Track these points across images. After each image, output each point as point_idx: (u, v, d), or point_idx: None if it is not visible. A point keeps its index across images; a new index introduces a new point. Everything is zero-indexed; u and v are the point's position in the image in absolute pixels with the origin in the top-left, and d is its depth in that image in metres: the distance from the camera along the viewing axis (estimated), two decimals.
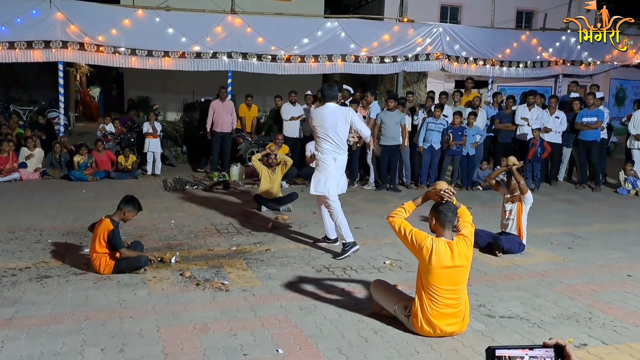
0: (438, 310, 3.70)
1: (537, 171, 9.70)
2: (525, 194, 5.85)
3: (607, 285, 4.98)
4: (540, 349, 1.36)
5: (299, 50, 11.33)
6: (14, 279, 4.73)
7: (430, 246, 3.69)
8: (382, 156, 9.37)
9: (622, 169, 10.10)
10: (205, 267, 5.17)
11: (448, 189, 3.92)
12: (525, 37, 13.25)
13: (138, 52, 10.58)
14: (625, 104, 16.78)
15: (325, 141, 5.58)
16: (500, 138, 10.34)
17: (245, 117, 11.36)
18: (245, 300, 4.40)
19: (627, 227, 7.31)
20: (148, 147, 10.43)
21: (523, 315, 4.23)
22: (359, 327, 3.93)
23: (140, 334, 3.74)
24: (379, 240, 6.26)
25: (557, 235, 6.71)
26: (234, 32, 11.02)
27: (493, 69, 12.83)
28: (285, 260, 5.47)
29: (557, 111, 10.04)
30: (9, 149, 9.58)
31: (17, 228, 6.38)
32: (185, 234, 6.36)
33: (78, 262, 5.19)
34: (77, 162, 9.74)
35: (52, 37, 10.16)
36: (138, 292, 4.51)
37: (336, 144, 5.58)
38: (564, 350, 1.35)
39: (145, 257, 4.98)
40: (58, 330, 3.76)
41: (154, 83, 15.15)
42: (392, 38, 11.91)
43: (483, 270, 5.31)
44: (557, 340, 1.36)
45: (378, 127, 9.37)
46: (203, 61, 10.90)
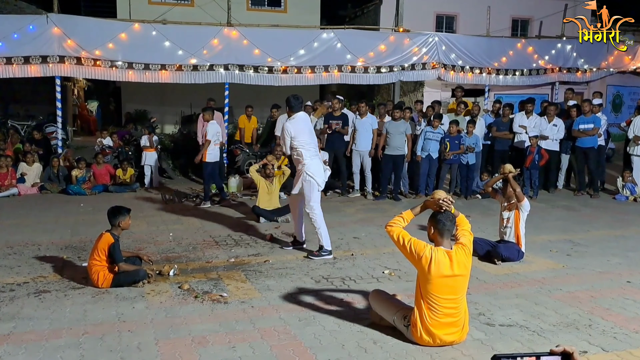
0: (437, 320, 3.69)
1: (535, 179, 9.71)
2: (522, 202, 5.86)
3: (607, 292, 4.97)
4: (548, 356, 1.34)
5: (296, 62, 11.39)
6: (12, 294, 4.71)
7: (429, 255, 3.68)
8: (386, 166, 9.40)
9: (620, 175, 10.12)
10: (203, 280, 5.15)
11: (446, 197, 3.92)
12: (521, 45, 13.33)
13: (135, 66, 10.62)
14: (622, 110, 16.85)
15: (306, 149, 5.88)
16: (498, 146, 10.37)
17: (245, 128, 11.38)
18: (244, 312, 4.38)
19: (625, 234, 7.31)
20: (145, 160, 10.44)
21: (523, 323, 4.22)
22: (358, 338, 3.91)
23: (139, 347, 3.72)
24: (377, 250, 6.25)
25: (556, 243, 6.71)
26: (230, 44, 11.08)
27: (489, 77, 12.89)
28: (284, 271, 5.45)
29: (555, 119, 10.07)
30: (7, 164, 9.58)
31: (15, 243, 6.36)
32: (184, 247, 6.34)
33: (76, 276, 5.17)
34: (75, 176, 9.74)
35: (49, 52, 10.20)
36: (136, 305, 4.49)
37: (314, 148, 5.97)
38: (572, 357, 1.34)
39: (143, 271, 4.97)
40: (56, 345, 3.74)
41: (151, 96, 15.21)
42: (388, 48, 11.98)
43: (482, 278, 5.30)
44: (564, 347, 1.34)
45: (384, 137, 9.38)
46: (200, 74, 10.94)
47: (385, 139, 9.40)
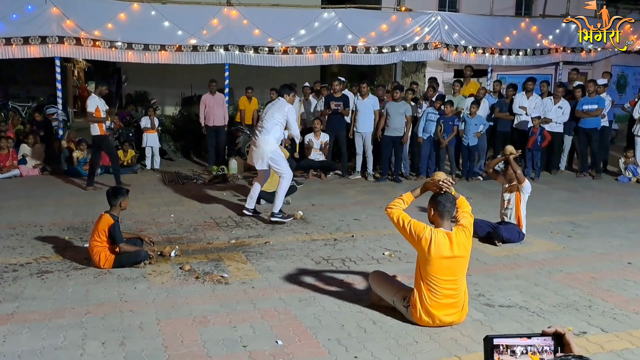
0: (437, 301, 3.70)
1: (537, 160, 9.66)
2: (523, 183, 5.84)
3: (607, 273, 4.98)
4: (539, 337, 1.34)
5: (296, 42, 11.26)
6: (15, 274, 4.75)
7: (429, 237, 3.68)
8: (386, 147, 9.36)
9: (623, 155, 10.06)
10: (204, 261, 5.18)
11: (447, 179, 3.91)
12: (524, 25, 13.13)
13: (134, 46, 10.51)
14: (626, 91, 16.69)
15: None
16: (500, 127, 10.28)
17: (245, 109, 11.32)
18: (245, 292, 4.41)
19: (627, 215, 7.30)
20: (146, 141, 10.42)
21: (522, 304, 4.24)
22: (358, 318, 3.94)
23: (141, 327, 3.76)
24: (378, 232, 6.26)
25: (557, 224, 6.70)
26: (230, 24, 10.95)
27: (492, 57, 12.73)
28: (284, 252, 5.47)
29: (561, 100, 9.94)
30: (8, 145, 9.58)
31: (17, 224, 6.39)
32: (185, 228, 6.36)
33: (78, 257, 5.20)
34: (76, 158, 9.73)
35: (48, 33, 10.10)
36: (138, 285, 4.53)
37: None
38: (563, 338, 1.34)
39: (144, 252, 5.00)
40: (59, 324, 3.78)
41: (151, 77, 15.08)
42: (389, 28, 11.82)
43: (482, 259, 5.32)
44: (556, 329, 1.34)
45: (384, 118, 9.34)
46: (200, 54, 10.84)
47: (385, 120, 9.34)
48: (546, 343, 1.34)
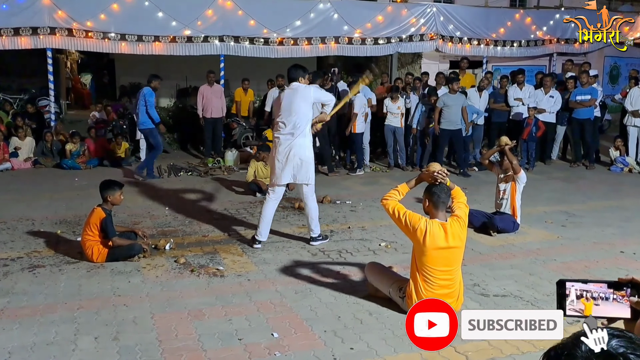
0: (432, 291, 3.70)
1: (531, 150, 9.66)
2: (519, 174, 5.84)
3: (601, 262, 5.00)
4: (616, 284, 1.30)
5: (292, 33, 11.18)
6: (6, 269, 4.70)
7: (424, 228, 3.67)
8: (444, 140, 9.14)
9: (613, 145, 10.09)
10: (200, 253, 5.15)
11: (441, 170, 3.90)
12: (519, 16, 13.11)
13: (128, 37, 10.41)
14: (619, 82, 16.71)
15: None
16: (495, 118, 10.28)
17: (241, 101, 11.25)
18: (241, 285, 4.39)
19: (620, 204, 7.32)
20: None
21: (517, 294, 4.25)
22: (354, 309, 3.93)
23: (135, 321, 3.73)
24: (374, 223, 6.25)
25: (551, 214, 6.72)
26: (225, 15, 10.85)
27: (487, 48, 12.72)
28: (281, 244, 5.45)
29: (552, 90, 9.97)
30: None
31: (9, 218, 6.33)
32: (180, 221, 6.33)
33: (71, 251, 5.16)
34: (69, 151, 9.65)
35: (39, 24, 9.97)
36: (132, 279, 4.50)
37: None
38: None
39: (138, 245, 4.96)
40: (51, 319, 3.75)
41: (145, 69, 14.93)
42: (385, 19, 11.77)
43: (477, 249, 5.32)
44: (633, 277, 1.32)
45: (439, 111, 9.08)
46: (194, 45, 10.74)
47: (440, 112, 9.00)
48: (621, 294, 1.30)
